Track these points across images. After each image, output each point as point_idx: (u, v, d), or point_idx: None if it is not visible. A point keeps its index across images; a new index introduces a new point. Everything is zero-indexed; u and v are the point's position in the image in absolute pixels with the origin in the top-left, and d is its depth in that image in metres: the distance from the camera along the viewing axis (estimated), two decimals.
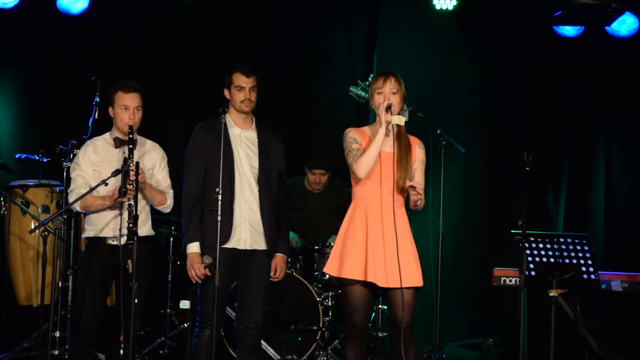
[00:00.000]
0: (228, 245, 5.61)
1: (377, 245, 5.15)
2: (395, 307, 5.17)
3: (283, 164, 5.87)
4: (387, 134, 5.19)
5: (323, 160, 7.85)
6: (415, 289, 5.21)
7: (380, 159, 5.20)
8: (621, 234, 8.37)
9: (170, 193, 5.90)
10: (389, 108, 5.18)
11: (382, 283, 5.14)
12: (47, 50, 7.98)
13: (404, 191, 5.24)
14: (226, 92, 5.79)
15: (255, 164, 5.74)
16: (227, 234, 5.60)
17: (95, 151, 5.83)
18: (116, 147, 5.80)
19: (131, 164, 5.50)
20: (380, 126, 5.19)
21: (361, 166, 5.17)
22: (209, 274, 5.57)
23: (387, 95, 5.22)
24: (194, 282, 5.66)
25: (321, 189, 7.94)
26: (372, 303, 5.25)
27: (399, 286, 5.12)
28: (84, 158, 5.82)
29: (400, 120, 5.20)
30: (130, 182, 5.48)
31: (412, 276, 5.18)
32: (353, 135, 5.28)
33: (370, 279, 5.13)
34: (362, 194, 5.24)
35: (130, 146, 5.57)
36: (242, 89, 5.72)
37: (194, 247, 5.64)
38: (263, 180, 5.73)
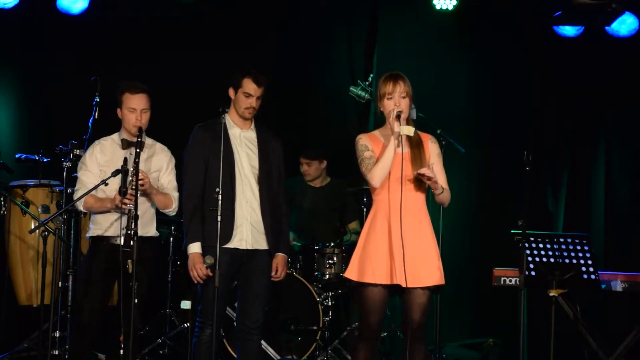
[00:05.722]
0: (230, 245, 5.60)
1: (398, 246, 5.08)
2: (409, 306, 5.14)
3: (282, 164, 5.85)
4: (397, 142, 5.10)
5: (310, 150, 7.85)
6: (430, 289, 5.16)
7: (397, 161, 5.12)
8: (621, 234, 8.36)
9: (175, 196, 5.84)
10: (398, 116, 5.09)
11: (406, 284, 5.06)
12: (47, 51, 7.97)
13: (422, 189, 5.18)
14: (231, 92, 5.74)
15: (256, 164, 5.72)
16: (228, 234, 5.59)
17: (102, 151, 5.81)
18: (123, 148, 5.77)
19: (132, 165, 5.47)
20: (392, 133, 5.10)
21: (375, 175, 5.10)
22: (210, 274, 5.55)
23: (397, 100, 5.13)
24: (196, 282, 5.66)
25: (313, 180, 7.87)
26: (387, 304, 5.23)
27: (419, 286, 5.09)
28: (91, 158, 5.80)
29: (410, 131, 5.08)
30: (132, 187, 5.46)
31: (433, 275, 5.13)
32: (364, 143, 5.20)
33: (396, 281, 5.07)
34: (382, 197, 5.16)
35: (137, 149, 5.49)
36: (250, 96, 5.68)
37: (195, 248, 5.62)
38: (263, 180, 5.71)
